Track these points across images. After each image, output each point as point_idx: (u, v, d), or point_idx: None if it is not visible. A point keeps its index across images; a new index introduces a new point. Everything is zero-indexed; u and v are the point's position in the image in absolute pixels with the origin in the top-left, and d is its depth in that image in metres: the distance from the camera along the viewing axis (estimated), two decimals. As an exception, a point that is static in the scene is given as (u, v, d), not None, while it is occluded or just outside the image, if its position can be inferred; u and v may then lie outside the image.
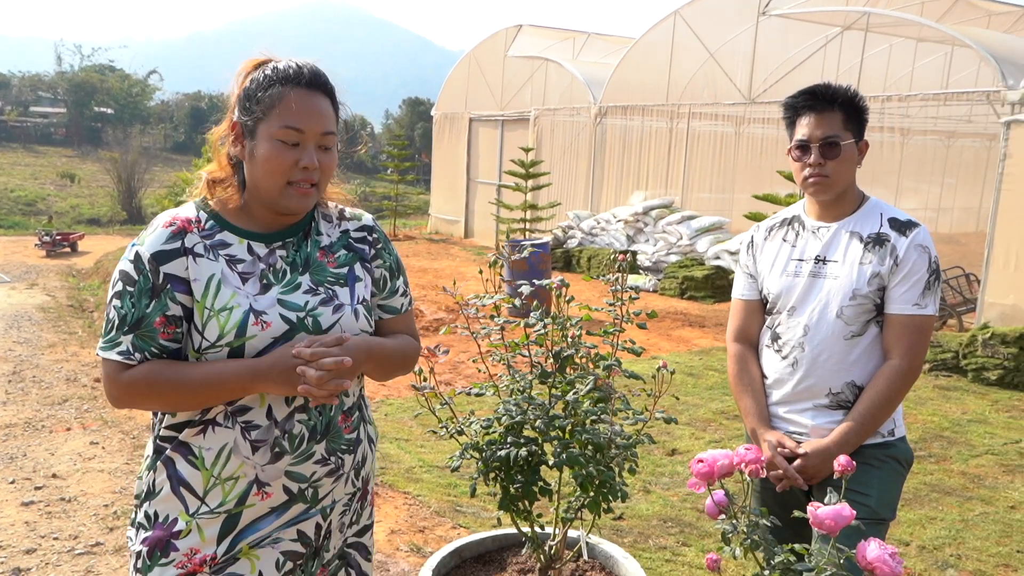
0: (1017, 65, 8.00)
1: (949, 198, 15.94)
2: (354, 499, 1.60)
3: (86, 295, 11.70)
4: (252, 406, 1.43)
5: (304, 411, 1.45)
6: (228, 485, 1.43)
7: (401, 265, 1.65)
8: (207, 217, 1.46)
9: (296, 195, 1.43)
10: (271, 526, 1.46)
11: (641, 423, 2.14)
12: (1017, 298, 6.70)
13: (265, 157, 1.41)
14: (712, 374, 6.48)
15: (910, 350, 1.92)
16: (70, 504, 3.79)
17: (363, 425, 1.58)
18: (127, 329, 1.39)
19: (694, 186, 12.38)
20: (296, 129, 1.40)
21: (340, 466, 1.51)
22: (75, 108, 37.55)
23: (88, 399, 5.51)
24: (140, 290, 1.39)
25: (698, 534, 3.63)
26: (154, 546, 1.44)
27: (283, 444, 1.43)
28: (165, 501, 1.44)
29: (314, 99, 1.43)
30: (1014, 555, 3.53)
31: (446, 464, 4.39)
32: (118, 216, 23.45)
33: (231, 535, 1.44)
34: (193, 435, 1.44)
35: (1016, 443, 5.05)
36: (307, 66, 1.45)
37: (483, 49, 15.44)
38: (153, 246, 1.41)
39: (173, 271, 1.40)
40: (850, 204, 2.02)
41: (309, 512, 1.50)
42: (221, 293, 1.40)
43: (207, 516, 1.43)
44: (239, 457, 1.42)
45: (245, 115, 1.44)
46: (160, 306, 1.39)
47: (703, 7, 11.49)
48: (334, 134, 1.46)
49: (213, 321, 1.39)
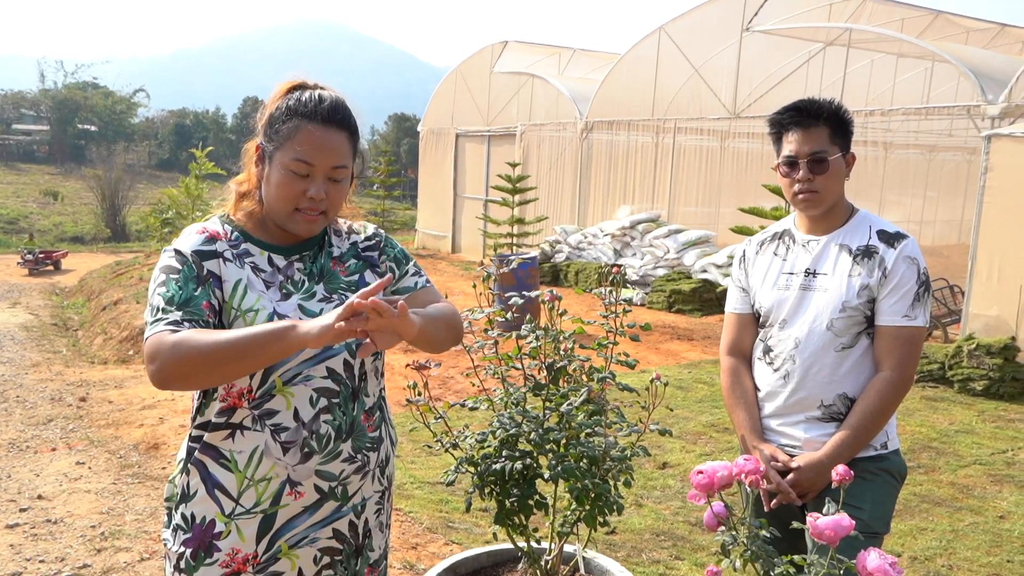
0: (996, 80, 8.13)
1: (931, 211, 16.14)
2: (384, 498, 1.67)
3: (70, 313, 11.59)
4: (279, 409, 1.47)
5: (329, 411, 1.51)
6: (261, 486, 1.48)
7: (408, 255, 1.71)
8: (232, 229, 1.55)
9: (303, 221, 1.51)
10: (305, 524, 1.52)
11: (636, 435, 2.14)
12: (1001, 309, 6.77)
13: (276, 184, 1.49)
14: (701, 387, 6.50)
15: (901, 362, 1.93)
16: (56, 526, 3.73)
17: (384, 425, 1.65)
18: (176, 307, 1.40)
19: (680, 200, 12.46)
20: (306, 163, 1.47)
21: (366, 463, 1.57)
22: (58, 125, 37.31)
23: (74, 419, 5.44)
24: (186, 277, 1.44)
25: (691, 547, 3.62)
26: (197, 547, 1.49)
27: (312, 444, 1.49)
28: (201, 503, 1.50)
29: (328, 134, 1.48)
30: (1004, 565, 3.55)
31: (437, 480, 4.38)
32: (102, 234, 23.30)
33: (269, 534, 1.50)
34: (222, 439, 1.49)
35: (1003, 453, 5.08)
36: (329, 100, 1.50)
37: (469, 65, 15.53)
38: (193, 246, 1.49)
39: (212, 268, 1.48)
40: (839, 217, 2.03)
41: (341, 510, 1.56)
42: (248, 296, 1.47)
43: (244, 517, 1.49)
44: (271, 459, 1.47)
45: (266, 141, 1.52)
46: (206, 293, 1.44)
47: (688, 23, 11.62)
48: (346, 168, 1.52)
49: (240, 321, 1.45)
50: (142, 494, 4.13)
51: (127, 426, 5.27)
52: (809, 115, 1.98)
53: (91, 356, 8.33)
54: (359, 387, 1.55)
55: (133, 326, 8.64)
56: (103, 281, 13.11)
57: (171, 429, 5.11)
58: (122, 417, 5.46)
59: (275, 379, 1.46)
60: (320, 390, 1.49)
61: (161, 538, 1.56)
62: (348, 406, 1.53)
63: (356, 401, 1.54)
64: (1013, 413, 5.98)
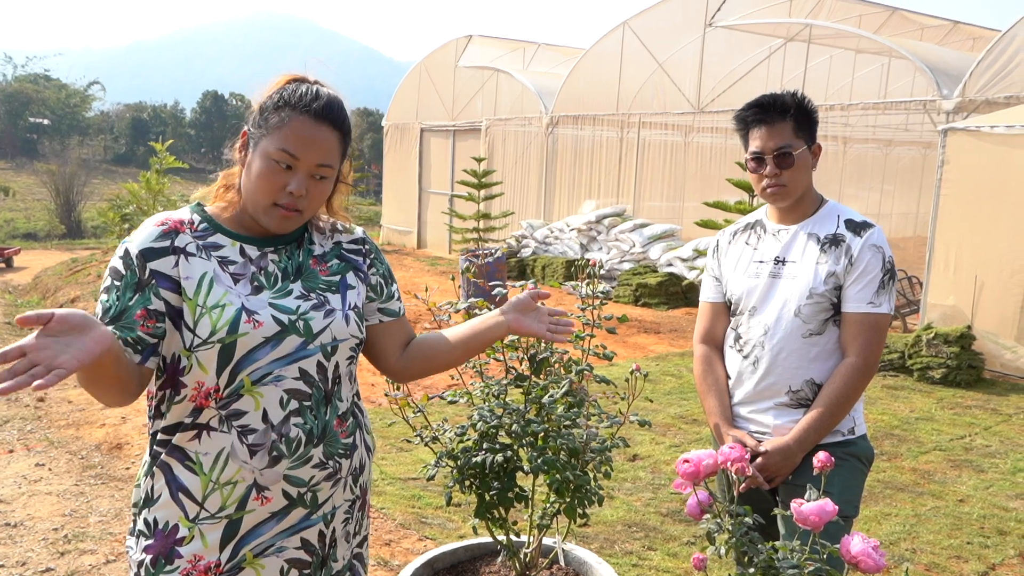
0: (950, 75, 8.33)
1: (888, 204, 16.50)
2: (354, 507, 1.60)
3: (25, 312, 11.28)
4: (247, 410, 1.42)
5: (300, 414, 1.45)
6: (227, 490, 1.42)
7: (392, 274, 1.69)
8: (200, 219, 1.49)
9: (278, 216, 1.45)
10: (272, 531, 1.46)
11: (616, 426, 2.15)
12: (957, 299, 6.95)
13: (257, 173, 1.44)
14: (669, 379, 6.56)
15: (865, 347, 1.96)
16: (16, 529, 3.63)
17: (359, 431, 1.59)
18: (108, 321, 1.39)
19: (645, 194, 12.55)
20: (291, 155, 1.42)
21: (338, 470, 1.52)
22: (8, 119, 36.26)
23: (31, 419, 5.30)
24: (126, 284, 1.40)
25: (663, 538, 3.66)
26: (157, 554, 1.43)
27: (280, 448, 1.43)
28: (165, 507, 1.44)
29: (319, 130, 1.44)
30: (964, 547, 3.65)
31: (409, 476, 4.36)
32: (56, 230, 22.71)
33: (233, 541, 1.44)
34: (188, 440, 1.43)
35: (961, 439, 5.22)
36: (325, 96, 1.46)
37: (433, 60, 15.43)
38: (142, 243, 1.42)
39: (160, 268, 1.41)
40: (809, 207, 2.07)
41: (311, 518, 1.50)
42: (213, 291, 1.41)
43: (208, 522, 1.43)
44: (237, 461, 1.42)
45: (254, 127, 1.47)
46: (143, 299, 1.39)
47: (651, 19, 11.69)
48: (331, 167, 1.47)
49: (205, 318, 1.39)
50: (106, 495, 4.04)
51: (88, 426, 5.14)
52: (773, 110, 2.00)
53: (48, 356, 8.11)
54: (332, 391, 1.49)
55: (92, 324, 8.43)
56: (59, 279, 12.77)
57: (134, 428, 5.00)
58: (83, 417, 5.33)
59: (243, 378, 1.40)
60: (291, 391, 1.43)
61: (125, 545, 1.51)
62: (320, 410, 1.47)
63: (329, 405, 1.49)
64: (970, 400, 6.15)
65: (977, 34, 12.96)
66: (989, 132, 6.71)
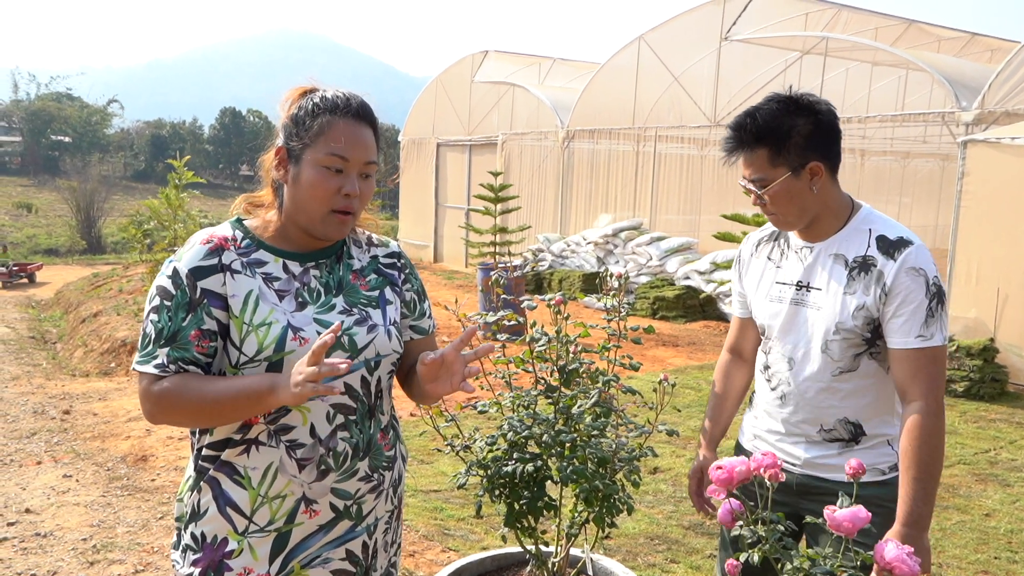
0: (968, 87, 8.31)
1: (906, 216, 16.40)
2: (393, 516, 1.62)
3: (48, 326, 11.43)
4: (295, 424, 1.44)
5: (346, 428, 1.47)
6: (276, 504, 1.44)
7: (425, 290, 1.70)
8: (243, 236, 1.49)
9: (335, 222, 1.47)
10: (319, 543, 1.48)
11: (645, 435, 2.17)
12: (979, 311, 6.90)
13: (310, 183, 1.44)
14: (688, 392, 6.55)
15: (929, 388, 1.68)
16: (46, 539, 3.68)
17: (398, 443, 1.62)
18: (163, 342, 1.40)
19: (661, 208, 12.57)
20: (342, 157, 1.44)
21: (381, 482, 1.54)
22: (31, 137, 36.86)
23: (58, 431, 5.37)
24: (177, 304, 1.40)
25: (685, 551, 3.65)
26: (207, 567, 1.45)
27: (328, 461, 1.45)
28: (212, 521, 1.45)
29: (360, 129, 1.47)
30: (992, 561, 3.62)
31: (431, 488, 4.38)
32: (77, 246, 22.99)
33: (282, 554, 1.46)
34: (237, 455, 1.45)
35: (985, 452, 5.18)
36: (355, 97, 1.49)
37: (449, 75, 15.57)
38: (191, 262, 1.43)
39: (210, 286, 1.42)
40: (833, 223, 1.81)
41: (355, 530, 1.52)
42: (260, 309, 1.42)
43: (258, 535, 1.44)
44: (286, 475, 1.44)
45: (292, 141, 1.47)
46: (196, 320, 1.40)
47: (666, 33, 11.75)
48: (376, 164, 1.51)
49: (252, 336, 1.40)
50: (132, 506, 4.09)
51: (113, 438, 5.20)
52: (745, 137, 1.78)
53: (72, 369, 8.21)
54: (375, 404, 1.51)
55: (115, 338, 8.53)
56: (81, 293, 12.93)
57: (159, 441, 5.06)
58: (108, 429, 5.40)
59: None
60: (337, 406, 1.45)
61: (171, 559, 1.52)
62: (365, 423, 1.49)
63: (372, 419, 1.51)
64: (994, 413, 6.10)
65: (996, 46, 12.91)
66: (1010, 144, 6.68)
